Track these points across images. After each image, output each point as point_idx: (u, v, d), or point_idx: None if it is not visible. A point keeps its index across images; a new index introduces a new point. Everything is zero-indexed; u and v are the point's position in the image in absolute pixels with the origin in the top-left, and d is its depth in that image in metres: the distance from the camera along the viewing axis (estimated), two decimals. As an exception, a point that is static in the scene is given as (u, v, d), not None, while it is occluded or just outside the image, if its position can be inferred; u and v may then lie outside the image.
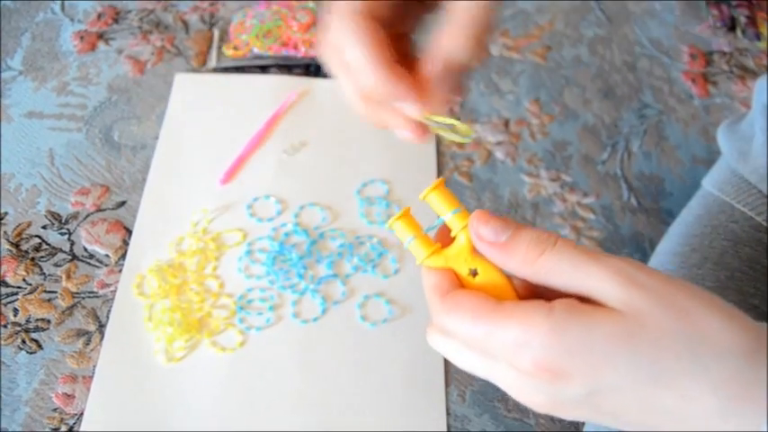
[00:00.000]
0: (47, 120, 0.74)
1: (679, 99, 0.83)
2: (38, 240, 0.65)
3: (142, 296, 0.61)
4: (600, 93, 0.82)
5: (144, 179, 0.69)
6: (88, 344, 0.59)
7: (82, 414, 0.56)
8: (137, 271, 0.63)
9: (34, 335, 0.60)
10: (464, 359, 0.30)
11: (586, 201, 0.72)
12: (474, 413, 0.58)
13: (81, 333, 0.60)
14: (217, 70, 0.79)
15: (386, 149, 0.73)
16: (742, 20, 0.90)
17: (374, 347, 0.60)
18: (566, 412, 0.28)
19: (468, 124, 0.33)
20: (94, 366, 0.58)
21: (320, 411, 0.57)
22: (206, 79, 0.78)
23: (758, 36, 0.89)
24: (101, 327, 0.60)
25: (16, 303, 0.61)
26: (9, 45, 0.80)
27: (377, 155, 0.73)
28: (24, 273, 0.63)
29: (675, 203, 0.73)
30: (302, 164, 0.72)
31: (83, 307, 0.61)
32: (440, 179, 0.32)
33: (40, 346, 0.59)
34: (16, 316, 0.60)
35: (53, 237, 0.65)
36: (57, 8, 0.84)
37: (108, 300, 0.62)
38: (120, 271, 0.63)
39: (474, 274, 0.31)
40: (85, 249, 0.65)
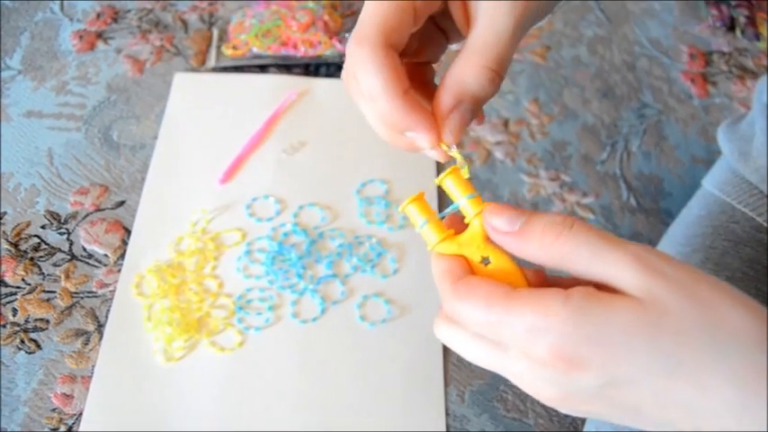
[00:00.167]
0: (46, 119, 0.73)
1: (678, 99, 0.83)
2: (37, 240, 0.65)
3: (141, 296, 0.61)
4: (599, 92, 0.82)
5: (143, 179, 0.69)
6: (87, 344, 0.59)
7: (81, 414, 0.56)
8: (136, 271, 0.63)
9: (33, 335, 0.59)
10: (472, 350, 0.29)
11: (586, 201, 0.72)
12: (473, 413, 0.58)
13: (80, 333, 0.60)
14: (216, 70, 0.79)
15: (385, 149, 0.73)
16: (741, 20, 0.90)
17: (373, 347, 0.60)
18: (576, 406, 0.28)
19: (466, 162, 0.33)
20: (93, 366, 0.58)
21: (319, 411, 0.57)
22: (205, 79, 0.78)
23: (757, 36, 0.89)
24: (100, 327, 0.60)
25: (15, 303, 0.61)
26: (8, 44, 0.80)
27: (376, 155, 0.73)
28: (23, 272, 0.63)
29: (675, 203, 0.73)
30: (301, 164, 0.72)
31: (82, 307, 0.61)
32: (455, 165, 0.31)
33: (39, 346, 0.59)
34: (15, 316, 0.60)
35: (52, 236, 0.65)
36: (56, 7, 0.84)
37: (107, 300, 0.62)
38: (118, 271, 0.63)
39: (486, 263, 0.30)
40: (84, 249, 0.64)
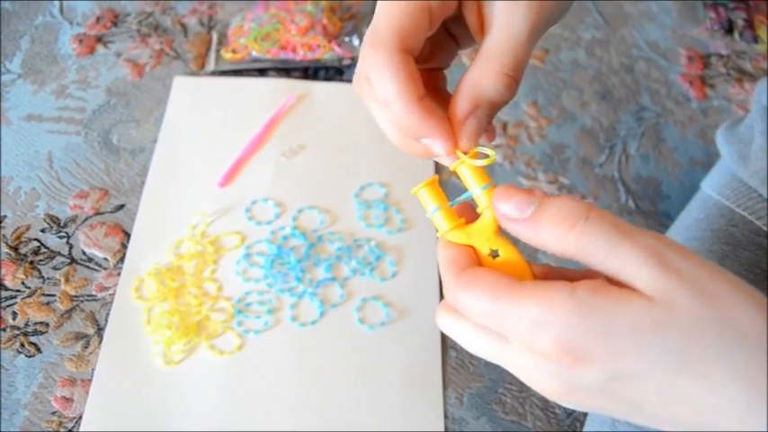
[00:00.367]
0: (45, 123, 0.74)
1: (676, 101, 0.83)
2: (36, 244, 0.65)
3: (141, 299, 0.62)
4: (597, 95, 0.83)
5: (142, 182, 0.69)
6: (87, 347, 0.59)
7: (80, 417, 0.56)
8: (135, 274, 0.63)
9: (33, 338, 0.60)
10: (475, 342, 0.29)
11: (584, 203, 0.72)
12: (471, 416, 0.58)
13: (80, 336, 0.60)
14: (215, 73, 0.79)
15: (384, 153, 0.73)
16: (739, 22, 0.90)
17: (372, 350, 0.61)
18: (579, 400, 0.27)
19: (491, 148, 0.32)
20: (93, 370, 0.58)
21: (318, 414, 0.57)
22: (204, 82, 0.78)
23: (755, 39, 0.89)
24: (99, 330, 0.60)
25: (15, 307, 0.61)
26: (8, 48, 0.80)
27: (375, 158, 0.73)
28: (23, 276, 0.63)
29: (673, 206, 0.73)
30: (300, 167, 0.72)
31: (81, 310, 0.61)
32: (472, 150, 0.30)
33: (39, 350, 0.59)
34: (15, 319, 0.60)
35: (52, 240, 0.65)
36: (55, 11, 0.84)
37: (106, 303, 0.62)
38: (118, 274, 0.63)
39: (494, 256, 0.30)
40: (84, 253, 0.65)
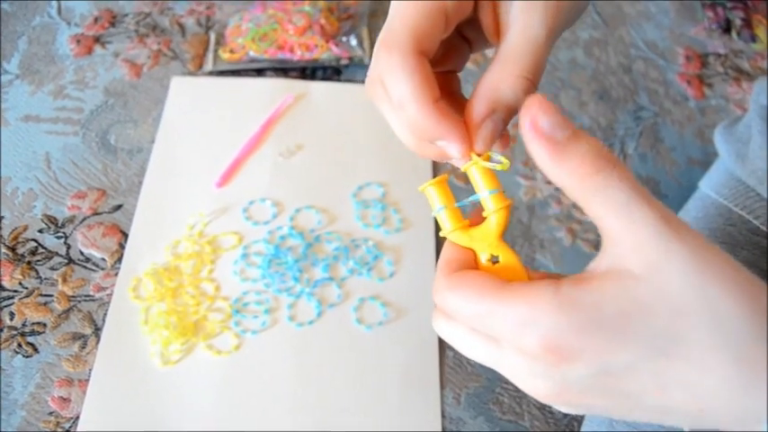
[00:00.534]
0: (43, 123, 0.74)
1: (674, 101, 0.83)
2: (34, 244, 0.65)
3: (138, 299, 0.62)
4: (595, 95, 0.83)
5: (140, 182, 0.69)
6: (84, 347, 0.59)
7: (78, 418, 0.56)
8: (133, 274, 0.63)
9: (30, 338, 0.60)
10: (469, 345, 0.29)
11: (582, 203, 0.72)
12: (469, 416, 0.58)
13: (77, 336, 0.60)
14: (213, 73, 0.79)
15: (382, 152, 0.73)
16: (737, 22, 0.90)
17: (369, 350, 0.61)
18: (572, 400, 0.27)
19: (505, 156, 0.31)
20: (90, 370, 0.58)
21: (316, 414, 0.57)
22: (202, 83, 0.78)
23: (753, 38, 0.89)
24: (97, 330, 0.60)
25: (12, 307, 0.61)
26: (6, 49, 0.80)
27: (373, 158, 0.73)
28: (20, 276, 0.63)
29: (671, 205, 0.73)
30: (298, 167, 0.72)
31: (79, 310, 0.61)
32: (486, 154, 0.30)
33: (36, 350, 0.59)
34: (12, 320, 0.60)
35: (49, 240, 0.65)
36: (53, 12, 0.84)
37: (104, 303, 0.62)
38: (116, 274, 0.63)
39: (495, 261, 0.29)
40: (82, 253, 0.65)
